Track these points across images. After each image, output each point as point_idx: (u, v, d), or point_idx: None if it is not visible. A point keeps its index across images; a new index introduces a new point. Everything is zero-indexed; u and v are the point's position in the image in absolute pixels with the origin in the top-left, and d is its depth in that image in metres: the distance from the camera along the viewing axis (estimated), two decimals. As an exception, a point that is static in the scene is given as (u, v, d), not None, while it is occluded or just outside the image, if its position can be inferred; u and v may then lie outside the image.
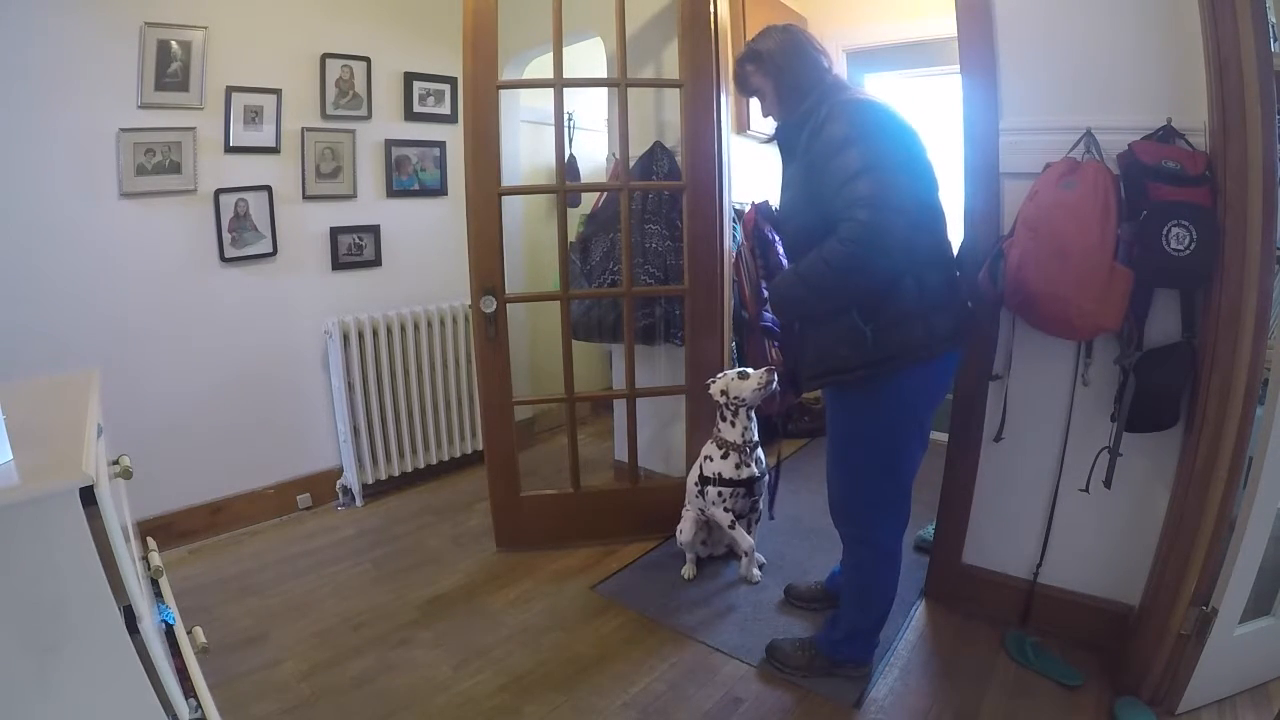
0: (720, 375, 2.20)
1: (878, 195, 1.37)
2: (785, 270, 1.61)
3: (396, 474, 3.02)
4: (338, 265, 2.87)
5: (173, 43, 2.34)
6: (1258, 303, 1.44)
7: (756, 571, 2.29)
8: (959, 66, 1.85)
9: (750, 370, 2.15)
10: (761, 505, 2.29)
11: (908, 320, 1.48)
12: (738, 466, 2.16)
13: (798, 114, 1.55)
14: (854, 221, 1.38)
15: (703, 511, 2.25)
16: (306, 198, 2.74)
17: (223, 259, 2.56)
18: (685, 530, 2.29)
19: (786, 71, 1.57)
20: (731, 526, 2.19)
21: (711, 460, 2.20)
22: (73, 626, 0.79)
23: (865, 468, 1.65)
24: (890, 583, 1.73)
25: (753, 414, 2.19)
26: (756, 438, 2.20)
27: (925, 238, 1.49)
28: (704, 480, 2.21)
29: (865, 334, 1.47)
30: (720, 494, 2.17)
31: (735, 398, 2.14)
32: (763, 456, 2.23)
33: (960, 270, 1.67)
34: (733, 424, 2.17)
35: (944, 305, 1.53)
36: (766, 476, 2.23)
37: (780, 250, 2.32)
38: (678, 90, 2.39)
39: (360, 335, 2.82)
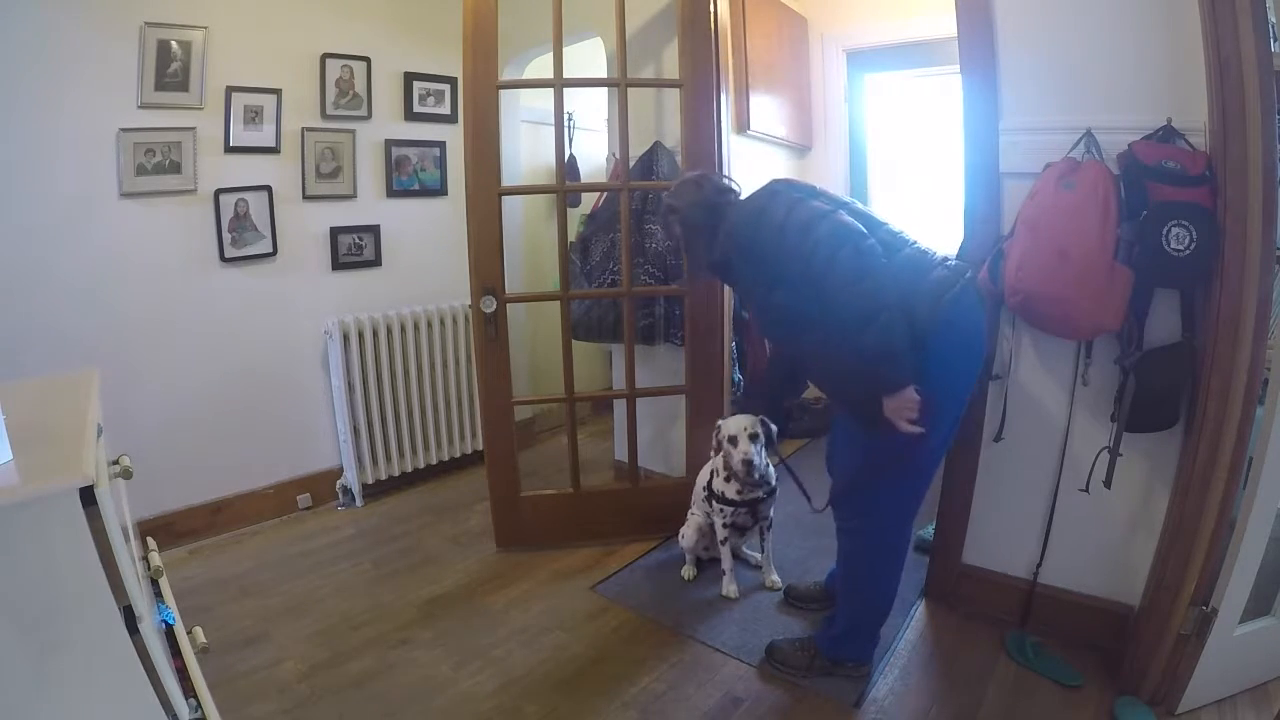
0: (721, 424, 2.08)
1: (839, 234, 1.46)
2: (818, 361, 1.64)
3: (396, 474, 3.02)
4: (338, 265, 2.87)
5: (173, 43, 2.34)
6: (1258, 303, 1.44)
7: (775, 577, 2.23)
8: (959, 66, 1.85)
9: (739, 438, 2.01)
10: (770, 514, 2.20)
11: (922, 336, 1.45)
12: (739, 492, 2.10)
13: (718, 246, 1.69)
14: (842, 263, 1.43)
15: (709, 515, 2.23)
16: (306, 198, 2.74)
17: (223, 259, 2.56)
18: (688, 536, 2.28)
19: (697, 226, 1.74)
20: (723, 542, 2.16)
21: (717, 474, 2.15)
22: (73, 626, 0.79)
23: (883, 450, 1.53)
24: (892, 578, 1.72)
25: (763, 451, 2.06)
26: (759, 475, 2.05)
27: (902, 268, 1.50)
28: (710, 492, 2.17)
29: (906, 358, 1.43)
30: (723, 510, 2.13)
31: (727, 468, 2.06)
32: (772, 476, 2.13)
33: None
34: (727, 480, 2.10)
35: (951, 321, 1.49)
36: (774, 496, 2.16)
37: None
38: (677, 90, 2.39)
39: (360, 335, 2.82)
